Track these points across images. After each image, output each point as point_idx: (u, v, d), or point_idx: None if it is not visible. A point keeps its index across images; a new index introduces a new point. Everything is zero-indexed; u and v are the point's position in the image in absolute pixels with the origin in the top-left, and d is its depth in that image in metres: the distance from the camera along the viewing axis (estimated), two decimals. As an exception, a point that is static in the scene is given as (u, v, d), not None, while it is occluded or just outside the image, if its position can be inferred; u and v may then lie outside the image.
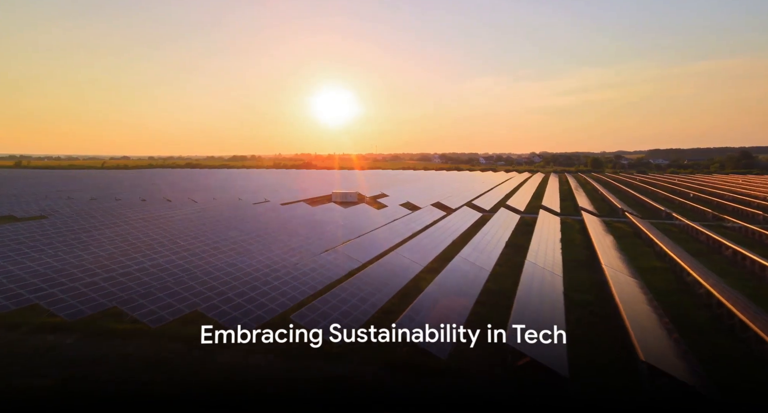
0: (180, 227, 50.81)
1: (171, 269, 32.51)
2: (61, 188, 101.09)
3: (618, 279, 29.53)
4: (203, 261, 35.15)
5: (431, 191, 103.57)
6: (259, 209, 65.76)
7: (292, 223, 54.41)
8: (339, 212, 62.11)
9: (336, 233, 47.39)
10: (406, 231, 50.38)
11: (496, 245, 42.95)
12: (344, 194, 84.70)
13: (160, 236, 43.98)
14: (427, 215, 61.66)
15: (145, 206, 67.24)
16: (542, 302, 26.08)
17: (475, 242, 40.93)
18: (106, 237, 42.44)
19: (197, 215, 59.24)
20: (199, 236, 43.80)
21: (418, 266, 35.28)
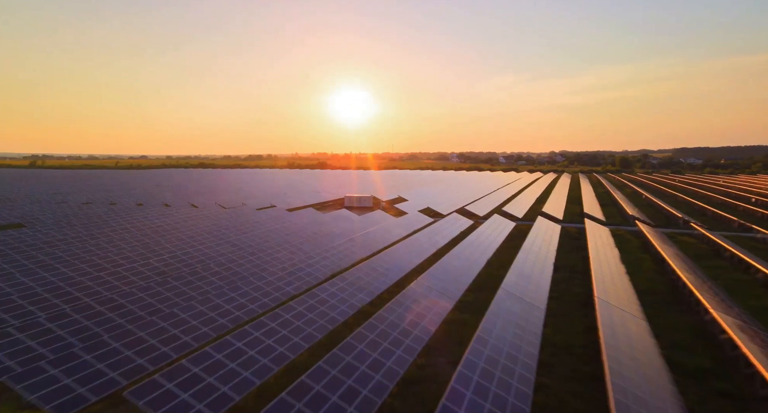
0: (167, 239, 43.61)
1: (108, 315, 24.93)
2: (62, 189, 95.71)
3: (739, 330, 20.75)
4: (163, 303, 27.53)
5: (453, 194, 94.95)
6: (262, 217, 58.32)
7: (297, 235, 46.70)
8: (351, 220, 54.18)
9: (346, 251, 39.42)
10: (429, 247, 42.13)
11: (544, 268, 34.39)
12: (359, 199, 76.90)
13: (137, 252, 36.72)
14: (452, 225, 53.24)
15: (138, 213, 60.53)
16: (643, 375, 17.58)
17: (517, 265, 32.46)
18: (73, 255, 35.34)
19: (191, 224, 52.12)
20: (182, 254, 36.40)
21: (447, 303, 27.02)
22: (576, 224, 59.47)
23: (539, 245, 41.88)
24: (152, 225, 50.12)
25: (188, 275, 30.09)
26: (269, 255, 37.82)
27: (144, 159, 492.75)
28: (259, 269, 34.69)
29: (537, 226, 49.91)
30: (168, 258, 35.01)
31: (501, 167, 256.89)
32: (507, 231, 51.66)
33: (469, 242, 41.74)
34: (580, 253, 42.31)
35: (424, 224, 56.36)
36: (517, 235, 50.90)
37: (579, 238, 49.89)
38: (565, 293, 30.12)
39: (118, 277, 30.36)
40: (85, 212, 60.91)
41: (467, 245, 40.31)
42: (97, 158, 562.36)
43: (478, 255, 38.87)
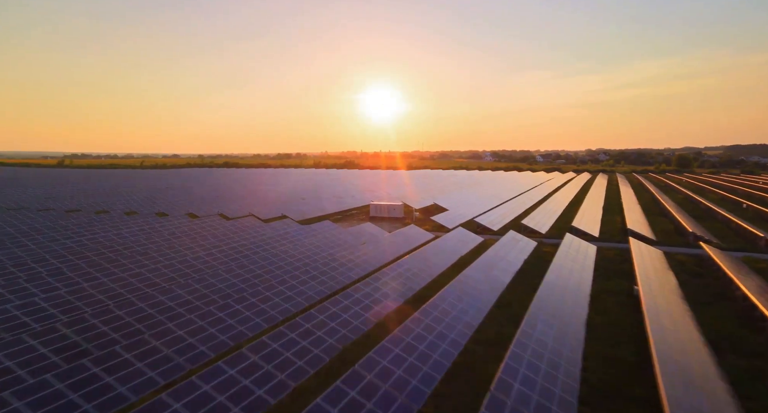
0: (131, 275, 32.01)
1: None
2: (60, 193, 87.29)
3: None
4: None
5: (498, 200, 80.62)
6: (266, 234, 46.36)
7: (302, 269, 34.26)
8: (378, 241, 41.28)
9: (369, 300, 26.55)
10: (489, 294, 28.73)
11: (690, 340, 20.46)
12: (387, 208, 64.01)
13: (79, 294, 25.09)
14: (511, 248, 39.52)
15: (122, 224, 49.78)
16: None
17: (663, 346, 18.69)
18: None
19: (174, 243, 40.65)
20: (143, 296, 24.47)
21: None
22: (686, 249, 44.55)
23: (656, 289, 27.70)
24: (126, 244, 38.84)
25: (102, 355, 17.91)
26: (252, 307, 25.41)
27: (174, 158, 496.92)
28: (224, 338, 22.32)
29: (640, 257, 35.48)
30: (119, 302, 23.01)
31: (541, 167, 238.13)
32: (590, 262, 37.49)
33: (548, 283, 28.02)
34: (728, 304, 27.84)
35: (471, 247, 42.85)
36: (612, 272, 36.66)
37: (704, 275, 35.21)
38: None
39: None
40: (61, 224, 50.60)
41: (549, 290, 26.61)
42: (134, 156, 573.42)
43: (576, 311, 25.16)
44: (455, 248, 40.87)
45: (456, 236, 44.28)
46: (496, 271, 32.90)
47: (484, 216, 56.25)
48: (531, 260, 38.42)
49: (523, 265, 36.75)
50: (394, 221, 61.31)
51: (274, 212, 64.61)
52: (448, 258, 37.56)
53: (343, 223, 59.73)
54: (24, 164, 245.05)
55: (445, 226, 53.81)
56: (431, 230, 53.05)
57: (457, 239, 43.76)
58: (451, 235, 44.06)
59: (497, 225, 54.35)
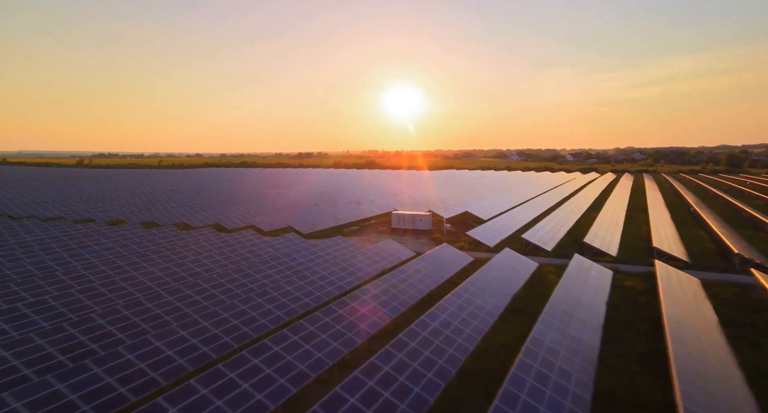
0: (56, 323, 22.93)
1: None
2: (56, 197, 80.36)
3: None
4: None
5: (540, 206, 69.40)
6: (262, 255, 37.03)
7: (295, 319, 24.52)
8: (403, 273, 31.15)
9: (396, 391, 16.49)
10: (578, 378, 18.27)
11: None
12: (412, 218, 53.78)
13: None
14: (585, 286, 28.81)
15: (101, 236, 41.34)
16: None
17: None
18: None
19: (144, 263, 31.68)
20: None
21: None
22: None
23: None
24: (77, 274, 29.92)
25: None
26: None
27: (197, 157, 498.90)
28: None
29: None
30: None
31: (575, 167, 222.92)
32: (708, 310, 26.43)
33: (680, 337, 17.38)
34: None
35: (527, 277, 32.29)
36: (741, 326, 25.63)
37: None
38: None
39: None
40: (21, 238, 42.39)
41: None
42: (160, 156, 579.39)
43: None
44: (505, 281, 30.41)
45: (504, 262, 33.77)
46: (574, 327, 22.39)
47: (531, 230, 45.43)
48: (616, 302, 27.66)
49: (607, 311, 26.05)
50: (419, 235, 51.16)
51: (279, 221, 55.29)
52: (500, 299, 27.17)
53: (360, 236, 49.93)
54: (45, 164, 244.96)
55: (484, 243, 43.33)
56: (467, 249, 42.69)
57: (507, 265, 33.25)
58: (499, 261, 33.55)
59: (550, 242, 43.50)
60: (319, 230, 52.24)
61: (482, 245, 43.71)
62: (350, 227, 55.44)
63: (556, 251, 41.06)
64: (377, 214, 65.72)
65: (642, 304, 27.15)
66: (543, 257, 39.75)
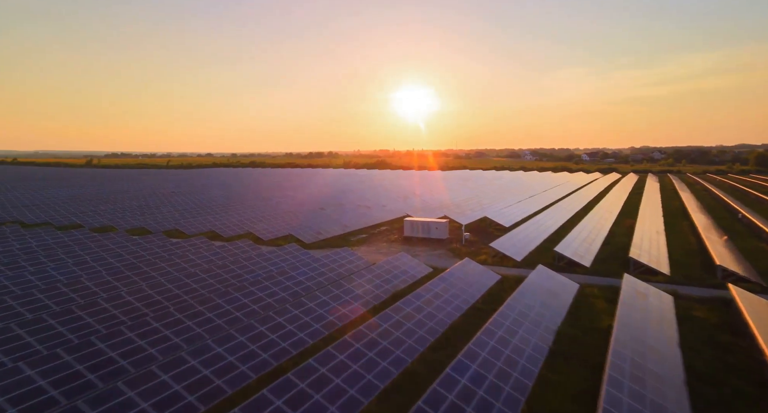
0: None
1: None
2: (38, 200, 76.59)
3: None
4: None
5: (567, 211, 63.48)
6: (255, 273, 32.19)
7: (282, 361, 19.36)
8: (419, 295, 25.87)
9: None
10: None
11: None
12: (427, 225, 48.35)
13: None
14: (647, 320, 23.23)
15: (70, 254, 36.85)
16: None
17: None
18: None
19: (114, 281, 26.96)
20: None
21: None
22: None
23: None
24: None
25: None
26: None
27: (207, 157, 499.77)
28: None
29: None
30: None
31: (593, 167, 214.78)
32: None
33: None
34: None
35: (569, 304, 26.78)
36: None
37: None
38: None
39: None
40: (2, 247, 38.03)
41: None
42: (171, 155, 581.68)
43: None
44: (544, 309, 24.92)
45: (539, 283, 28.26)
46: (651, 386, 16.88)
47: (563, 242, 39.74)
48: (691, 342, 21.97)
49: (684, 357, 20.43)
50: (435, 244, 45.81)
51: (280, 228, 50.37)
52: (541, 337, 21.73)
53: (369, 246, 44.75)
54: (55, 164, 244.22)
55: (510, 257, 37.80)
56: (491, 263, 37.25)
57: (543, 288, 27.74)
58: (533, 282, 28.05)
59: (587, 256, 37.81)
60: (323, 239, 47.15)
61: (508, 259, 38.19)
62: (358, 235, 50.27)
63: (596, 267, 35.37)
64: (388, 219, 60.47)
65: (725, 345, 21.48)
66: (581, 274, 34.11)
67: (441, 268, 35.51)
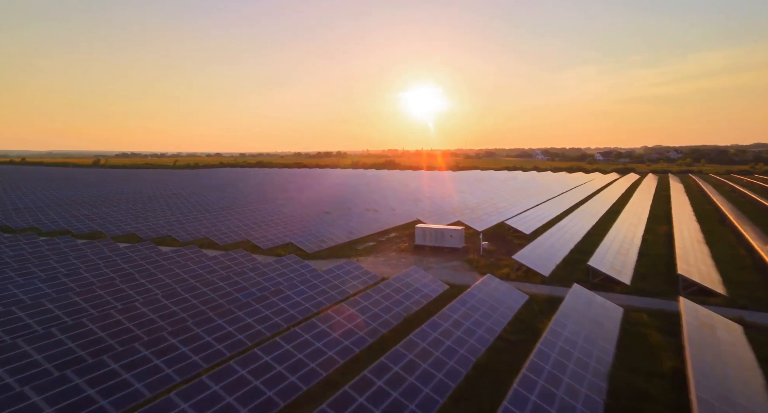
0: None
1: None
2: (38, 203, 73.55)
3: None
4: None
5: (592, 216, 58.67)
6: (246, 291, 28.23)
7: None
8: (437, 324, 21.61)
9: None
10: None
11: None
12: (440, 233, 43.92)
13: None
14: (733, 361, 18.67)
15: (43, 267, 33.20)
16: None
17: None
18: None
19: (80, 301, 23.16)
20: None
21: None
22: None
23: None
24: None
25: None
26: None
27: (216, 157, 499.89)
28: None
29: None
30: None
31: (610, 167, 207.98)
32: None
33: None
34: None
35: (617, 335, 22.33)
36: None
37: None
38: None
39: None
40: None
41: None
42: (181, 155, 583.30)
43: None
44: (588, 344, 20.52)
45: (578, 309, 23.82)
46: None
47: (596, 254, 35.14)
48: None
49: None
50: (450, 255, 41.47)
51: (280, 235, 46.37)
52: (592, 385, 17.33)
53: (377, 256, 40.54)
54: (63, 164, 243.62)
55: (537, 272, 33.34)
56: (514, 278, 32.85)
57: (584, 315, 23.30)
58: (571, 307, 23.62)
59: (625, 271, 33.21)
60: (327, 247, 43.04)
61: (534, 274, 33.74)
62: (365, 243, 46.08)
63: (638, 285, 30.77)
64: (398, 224, 56.21)
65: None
66: (621, 293, 29.57)
67: (459, 285, 31.23)
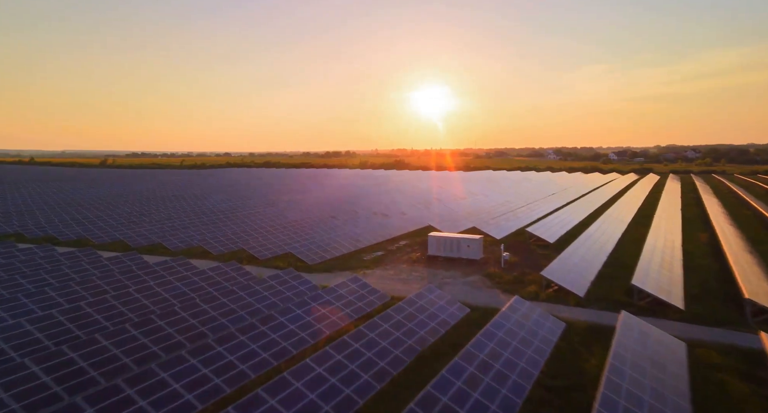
0: None
1: None
2: (30, 205, 70.51)
3: None
4: None
5: (620, 223, 53.85)
6: (233, 315, 24.26)
7: None
8: (459, 368, 17.34)
9: None
10: None
11: None
12: (457, 243, 39.53)
13: None
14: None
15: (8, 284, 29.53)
16: None
17: None
18: None
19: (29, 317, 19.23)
20: None
21: None
22: None
23: None
24: None
25: None
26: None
27: (225, 157, 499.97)
28: None
29: None
30: None
31: (627, 167, 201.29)
32: None
33: None
34: None
35: (686, 382, 17.86)
36: None
37: None
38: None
39: None
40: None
41: None
42: (192, 155, 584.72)
43: None
44: (658, 403, 16.10)
45: (633, 348, 19.38)
46: None
47: (639, 270, 30.56)
48: None
49: None
50: (467, 267, 37.14)
51: (280, 243, 42.38)
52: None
53: (386, 268, 36.35)
54: (70, 164, 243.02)
55: (571, 291, 28.86)
56: (543, 298, 28.45)
57: (641, 355, 18.86)
58: (624, 345, 19.19)
59: (675, 291, 28.60)
60: (330, 258, 38.91)
61: (565, 292, 29.27)
62: (373, 253, 41.88)
63: (694, 310, 26.15)
64: (408, 231, 51.95)
65: None
66: (675, 319, 25.00)
67: (481, 307, 26.94)
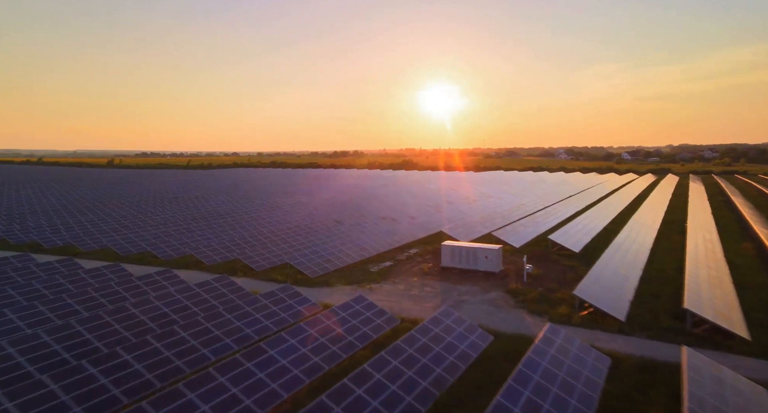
0: None
1: None
2: (27, 207, 67.84)
3: None
4: None
5: (649, 229, 49.56)
6: (215, 343, 20.64)
7: None
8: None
9: None
10: None
11: None
12: (474, 253, 35.69)
13: None
14: None
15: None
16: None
17: None
18: None
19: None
20: None
21: None
22: None
23: None
24: None
25: None
26: None
27: (234, 156, 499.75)
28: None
29: None
30: None
31: (643, 168, 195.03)
32: None
33: None
34: None
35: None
36: None
37: None
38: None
39: None
40: None
41: None
42: (201, 154, 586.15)
43: None
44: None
45: (704, 400, 15.43)
46: None
47: (690, 289, 26.47)
48: None
49: None
50: (485, 281, 33.28)
51: (280, 252, 38.83)
52: None
53: (394, 282, 32.63)
54: (78, 164, 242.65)
55: (609, 314, 24.89)
56: (576, 321, 24.53)
57: (717, 409, 14.91)
58: (698, 397, 15.26)
59: (734, 318, 24.51)
60: (333, 270, 35.28)
61: (602, 313, 25.31)
62: (381, 263, 38.16)
63: (763, 340, 22.08)
64: (418, 237, 48.15)
65: None
66: (740, 353, 20.97)
67: (507, 334, 23.12)
